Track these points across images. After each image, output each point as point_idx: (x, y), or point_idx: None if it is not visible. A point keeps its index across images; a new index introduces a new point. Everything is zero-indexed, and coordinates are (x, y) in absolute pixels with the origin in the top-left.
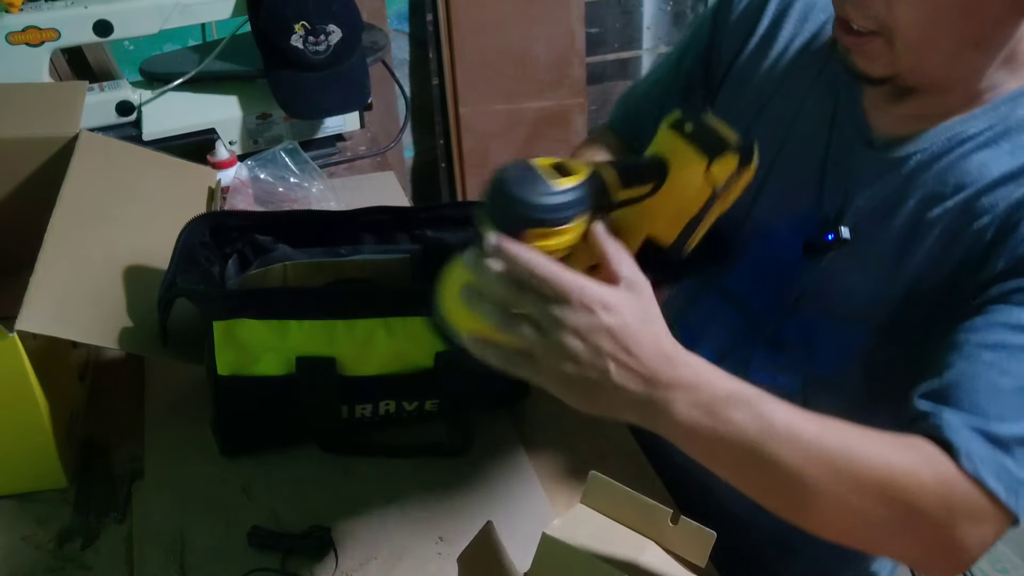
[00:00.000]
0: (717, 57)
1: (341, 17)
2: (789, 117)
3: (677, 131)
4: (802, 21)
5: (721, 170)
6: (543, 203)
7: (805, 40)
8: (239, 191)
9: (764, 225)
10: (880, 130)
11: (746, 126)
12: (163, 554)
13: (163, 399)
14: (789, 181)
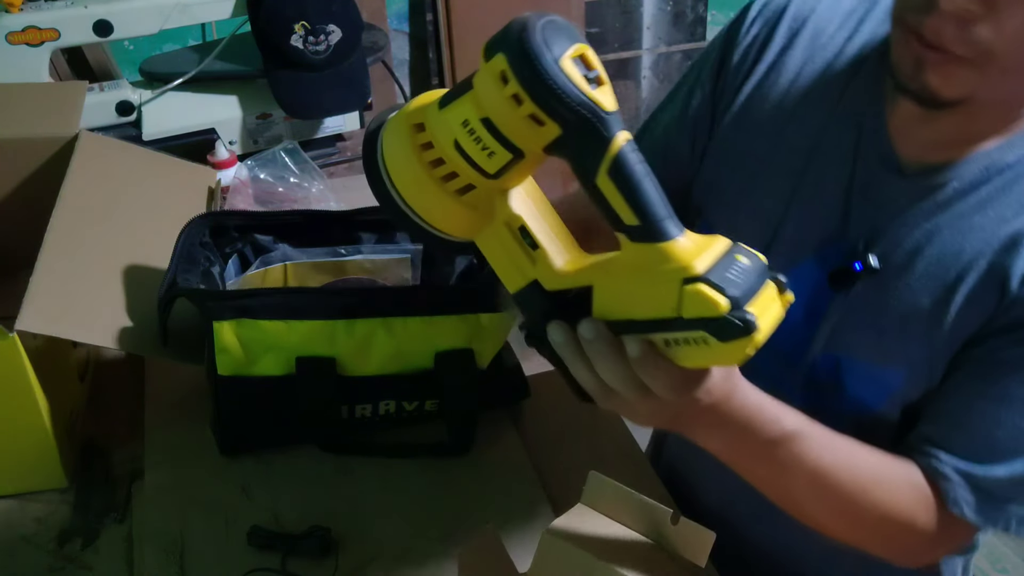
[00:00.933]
0: (722, 90)
1: (341, 17)
2: (808, 146)
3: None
4: (813, 47)
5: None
6: None
7: (819, 67)
8: (239, 191)
9: (787, 260)
10: (908, 157)
11: (760, 158)
12: (163, 554)
13: (163, 399)
14: (812, 213)
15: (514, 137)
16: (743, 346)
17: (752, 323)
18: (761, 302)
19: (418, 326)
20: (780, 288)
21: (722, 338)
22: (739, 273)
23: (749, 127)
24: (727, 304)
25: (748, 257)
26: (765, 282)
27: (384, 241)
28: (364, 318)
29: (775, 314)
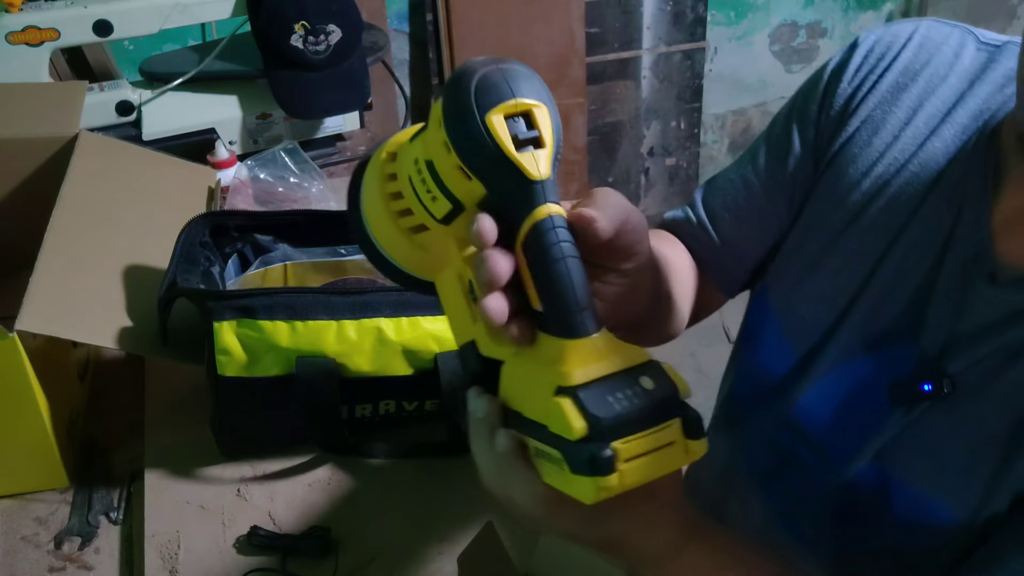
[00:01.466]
0: (822, 144)
1: (341, 17)
2: (894, 227)
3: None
4: (918, 107)
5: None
6: None
7: (921, 133)
8: (239, 191)
9: (846, 351)
10: (1008, 260)
11: (836, 230)
12: (162, 554)
13: (163, 399)
14: (883, 304)
15: (451, 187)
16: (592, 486)
17: (604, 462)
18: (644, 442)
19: (418, 326)
20: (690, 431)
21: (572, 467)
22: (628, 399)
23: (829, 191)
24: (581, 429)
25: (658, 382)
26: (667, 421)
27: None
28: (364, 318)
29: (665, 461)
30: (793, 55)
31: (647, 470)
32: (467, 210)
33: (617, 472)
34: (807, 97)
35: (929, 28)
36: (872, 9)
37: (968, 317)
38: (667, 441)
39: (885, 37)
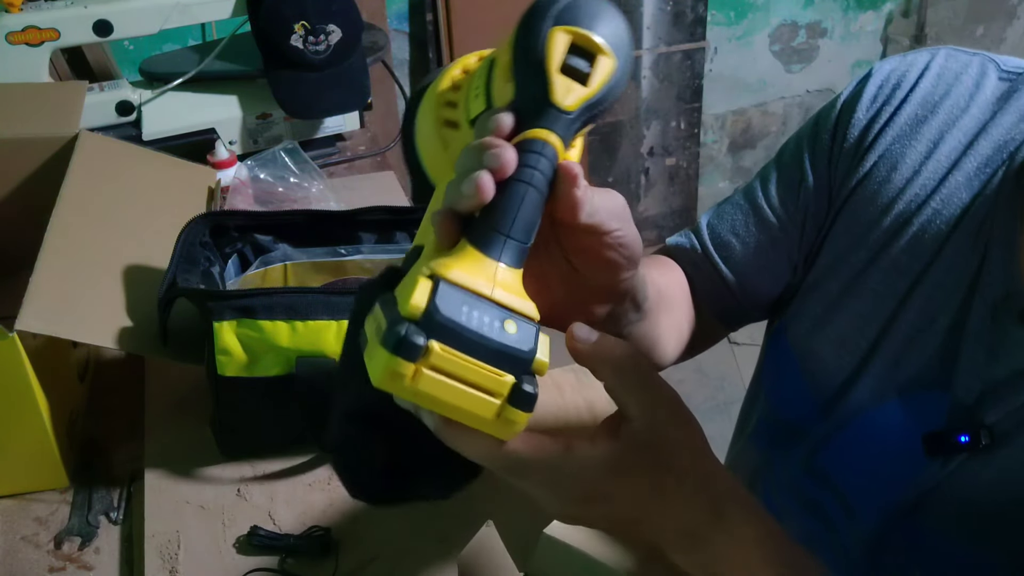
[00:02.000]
0: (838, 180)
1: (341, 17)
2: (917, 267)
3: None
4: (938, 141)
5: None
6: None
7: (943, 168)
8: (239, 191)
9: (872, 396)
10: None
11: (856, 270)
12: (162, 554)
13: (163, 399)
14: (909, 349)
15: (494, 86)
16: (384, 363)
17: (409, 345)
18: (462, 366)
19: None
20: (517, 399)
21: (381, 339)
22: (479, 324)
23: (847, 230)
24: (416, 309)
25: (522, 336)
26: (500, 371)
27: (384, 241)
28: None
29: (473, 405)
30: (793, 55)
31: (448, 395)
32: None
33: (415, 367)
34: (819, 127)
35: (947, 57)
36: (872, 9)
37: (1003, 362)
38: (487, 388)
39: (900, 67)
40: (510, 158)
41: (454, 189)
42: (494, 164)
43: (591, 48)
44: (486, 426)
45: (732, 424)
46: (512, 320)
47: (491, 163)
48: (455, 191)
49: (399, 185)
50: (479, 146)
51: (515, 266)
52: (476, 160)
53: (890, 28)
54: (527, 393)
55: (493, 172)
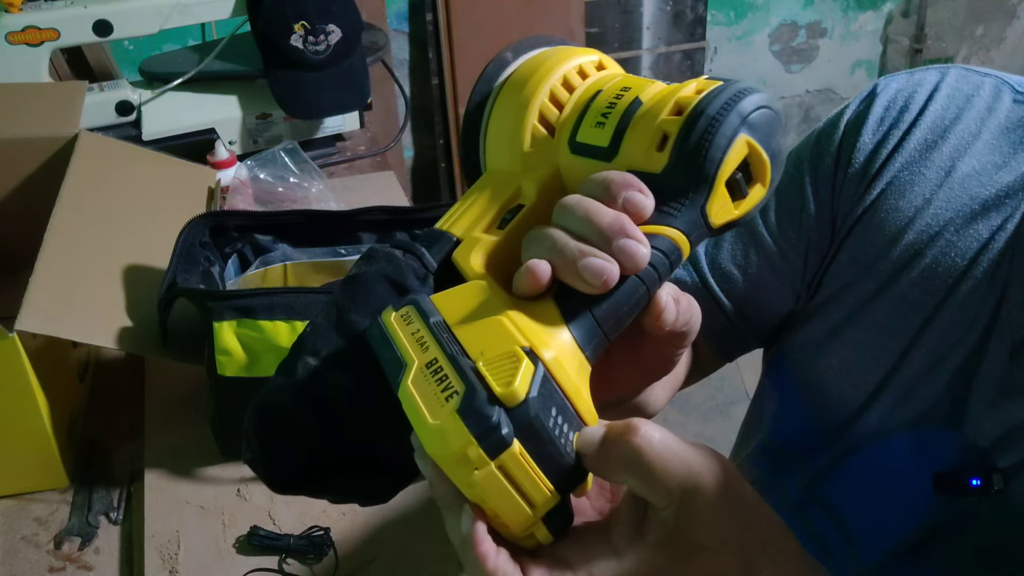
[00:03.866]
0: (839, 211)
1: (341, 17)
2: (930, 301)
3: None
4: (950, 169)
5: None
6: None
7: (957, 199)
8: (239, 191)
9: (879, 430)
10: None
11: (863, 302)
12: (162, 554)
13: (163, 399)
14: (919, 385)
15: (633, 132)
16: (458, 439)
17: (499, 436)
18: (526, 473)
19: None
20: (554, 522)
21: (463, 411)
22: (558, 432)
23: (853, 259)
24: (517, 396)
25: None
26: (553, 486)
27: (384, 241)
28: None
29: (512, 511)
30: (793, 55)
31: (497, 496)
32: (612, 161)
33: (492, 461)
34: (820, 148)
35: (957, 78)
36: (872, 9)
37: (1019, 405)
38: (533, 499)
39: (907, 87)
40: (644, 258)
41: (567, 255)
42: (629, 263)
43: (758, 171)
44: (507, 530)
45: (732, 424)
46: (578, 433)
47: (627, 260)
48: (569, 259)
49: (399, 185)
50: (618, 227)
51: (592, 361)
52: (604, 239)
53: (890, 28)
54: (566, 516)
55: (623, 267)
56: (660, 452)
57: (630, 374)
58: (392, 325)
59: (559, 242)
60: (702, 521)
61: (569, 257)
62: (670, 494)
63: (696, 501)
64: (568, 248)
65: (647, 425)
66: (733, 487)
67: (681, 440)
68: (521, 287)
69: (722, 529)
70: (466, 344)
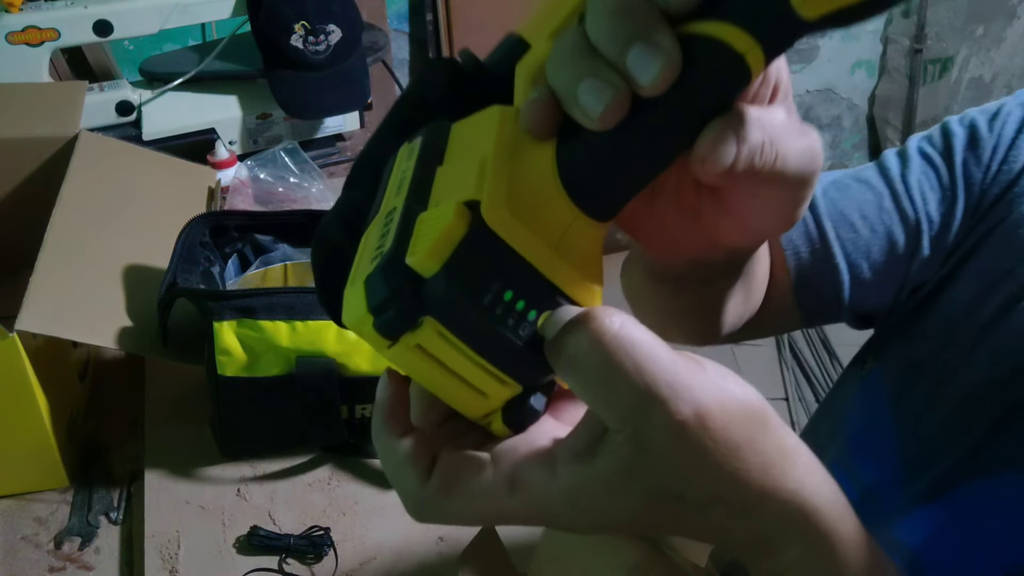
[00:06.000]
0: (983, 209)
1: (341, 17)
2: None
3: None
4: None
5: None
6: None
7: None
8: (239, 191)
9: (983, 467)
10: None
11: (955, 322)
12: (162, 554)
13: (163, 399)
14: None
15: None
16: (360, 319)
17: (399, 317)
18: (462, 359)
19: None
20: (513, 412)
21: (369, 291)
22: (507, 309)
23: (975, 276)
24: (431, 265)
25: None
26: (507, 375)
27: None
28: None
29: (461, 401)
30: (793, 55)
31: (427, 376)
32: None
33: (387, 341)
34: (977, 134)
35: None
36: None
37: None
38: (477, 386)
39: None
40: (664, 74)
41: (566, 75)
42: (645, 81)
43: None
44: (467, 413)
45: None
46: (553, 310)
47: (641, 76)
48: (567, 81)
49: None
50: (632, 25)
51: (600, 219)
52: (618, 45)
53: (890, 28)
54: (527, 410)
55: (637, 89)
56: (611, 353)
57: (720, 222)
58: (399, 159)
59: (566, 56)
60: (663, 464)
61: (568, 79)
62: (619, 415)
63: (654, 434)
64: (570, 66)
65: (612, 314)
66: (731, 428)
67: (661, 347)
68: (521, 125)
69: (705, 483)
70: (435, 190)
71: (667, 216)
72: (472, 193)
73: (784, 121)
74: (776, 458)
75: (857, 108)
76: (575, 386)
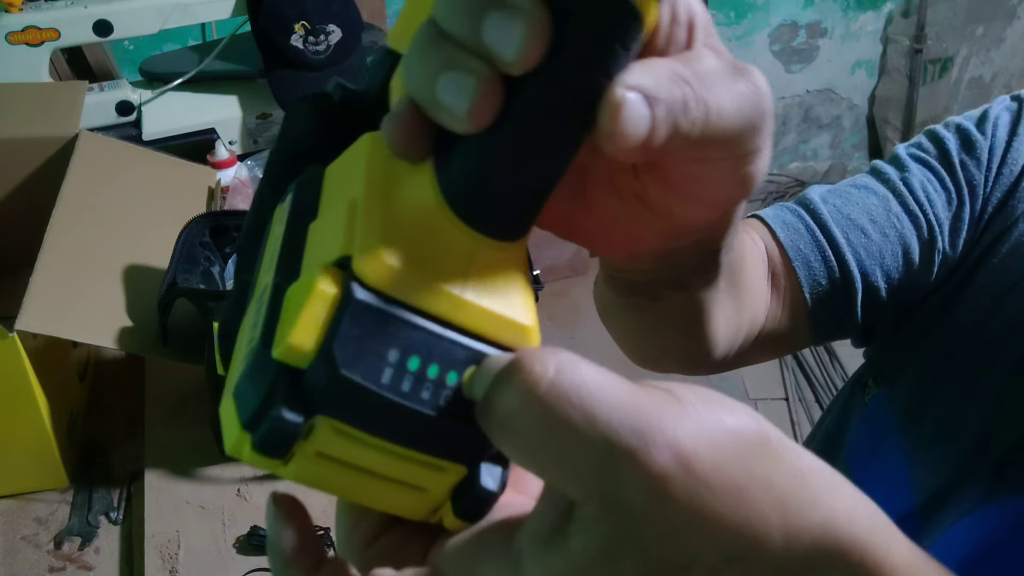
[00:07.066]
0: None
1: (341, 17)
2: None
3: None
4: None
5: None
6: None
7: None
8: (239, 191)
9: (986, 491)
10: None
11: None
12: (162, 554)
13: (163, 399)
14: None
15: None
16: (237, 440)
17: (277, 435)
18: (378, 456)
19: None
20: (464, 503)
21: (237, 402)
22: (414, 377)
23: (983, 289)
24: (306, 352)
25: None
26: (441, 459)
27: None
28: None
29: (398, 502)
30: (793, 55)
31: (342, 485)
32: None
33: (296, 456)
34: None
35: None
36: (872, 9)
37: None
38: (415, 483)
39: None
40: (541, 38)
41: (420, 74)
42: (506, 52)
43: None
44: (411, 516)
45: None
46: (476, 363)
47: (502, 49)
48: (422, 81)
49: None
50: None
51: (509, 239)
52: (468, 25)
53: (890, 28)
54: (481, 493)
55: (505, 67)
56: (550, 406)
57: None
58: (273, 225)
59: (416, 53)
60: (651, 532)
61: (423, 79)
62: (579, 484)
63: (629, 497)
64: (421, 63)
65: (544, 356)
66: (726, 468)
67: (614, 384)
68: (391, 147)
69: (711, 542)
70: (307, 255)
71: (608, 208)
72: (340, 249)
73: (711, 67)
74: (792, 489)
75: (857, 108)
76: (515, 455)
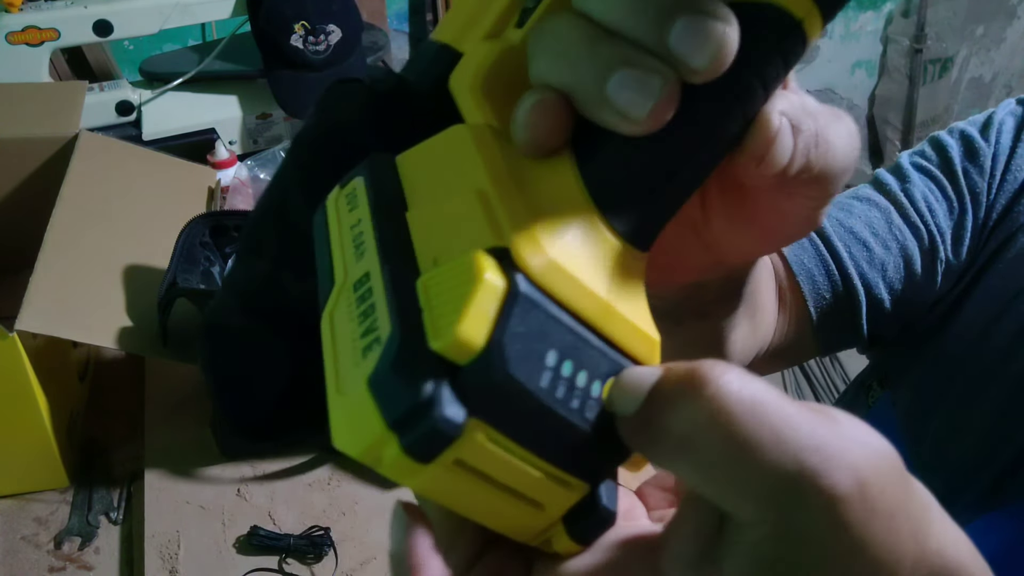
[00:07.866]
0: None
1: (341, 17)
2: None
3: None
4: None
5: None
6: None
7: None
8: (239, 191)
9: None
10: None
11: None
12: (162, 554)
13: (163, 399)
14: None
15: None
16: (376, 442)
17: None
18: (513, 466)
19: None
20: (578, 524)
21: (379, 395)
22: (566, 384)
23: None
24: (475, 343)
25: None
26: (570, 474)
27: None
28: None
29: (508, 520)
30: None
31: (465, 500)
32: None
33: (435, 463)
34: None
35: None
36: (872, 9)
37: None
38: (537, 499)
39: None
40: (726, 50)
41: (585, 70)
42: (700, 64)
43: None
44: (513, 535)
45: None
46: (615, 376)
47: (694, 59)
48: (588, 77)
49: None
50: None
51: (643, 248)
52: (651, 26)
53: (890, 28)
54: (601, 514)
55: (686, 75)
56: (742, 425)
57: (732, 233)
58: (331, 211)
59: (574, 47)
60: (818, 556)
61: (588, 74)
62: (758, 503)
63: (809, 519)
64: (587, 57)
65: (728, 371)
66: (887, 494)
67: (787, 403)
68: (520, 140)
69: (863, 569)
70: (419, 242)
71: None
72: (491, 238)
73: (816, 105)
74: (920, 518)
75: (857, 108)
76: (689, 473)
